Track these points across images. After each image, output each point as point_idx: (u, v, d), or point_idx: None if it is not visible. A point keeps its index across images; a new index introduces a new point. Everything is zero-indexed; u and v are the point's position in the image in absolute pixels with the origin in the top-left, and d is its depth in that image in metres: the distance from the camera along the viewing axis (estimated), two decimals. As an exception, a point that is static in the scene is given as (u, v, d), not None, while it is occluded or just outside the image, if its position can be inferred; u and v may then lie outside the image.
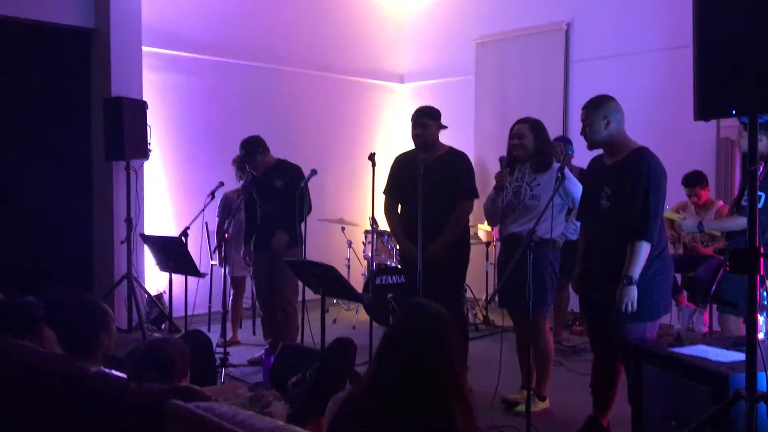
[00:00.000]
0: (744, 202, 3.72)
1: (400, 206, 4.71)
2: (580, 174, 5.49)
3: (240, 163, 5.67)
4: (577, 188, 4.09)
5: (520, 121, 4.32)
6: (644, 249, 3.35)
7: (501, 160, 4.48)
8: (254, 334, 6.38)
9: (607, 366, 3.72)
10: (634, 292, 3.35)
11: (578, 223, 4.21)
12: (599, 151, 3.70)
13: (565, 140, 5.82)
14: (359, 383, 1.99)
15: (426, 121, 4.53)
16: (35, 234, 5.73)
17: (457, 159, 4.59)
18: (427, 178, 4.27)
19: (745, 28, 2.44)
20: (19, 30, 5.74)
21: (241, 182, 5.66)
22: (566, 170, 4.04)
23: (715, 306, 5.29)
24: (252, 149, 5.23)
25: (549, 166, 4.21)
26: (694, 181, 5.60)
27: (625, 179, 3.42)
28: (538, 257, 3.77)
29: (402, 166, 4.66)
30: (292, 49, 7.55)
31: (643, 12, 6.49)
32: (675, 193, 5.59)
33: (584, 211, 3.79)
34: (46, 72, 5.92)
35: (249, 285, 6.18)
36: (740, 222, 3.73)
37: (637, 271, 3.35)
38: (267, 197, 5.24)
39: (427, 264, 4.26)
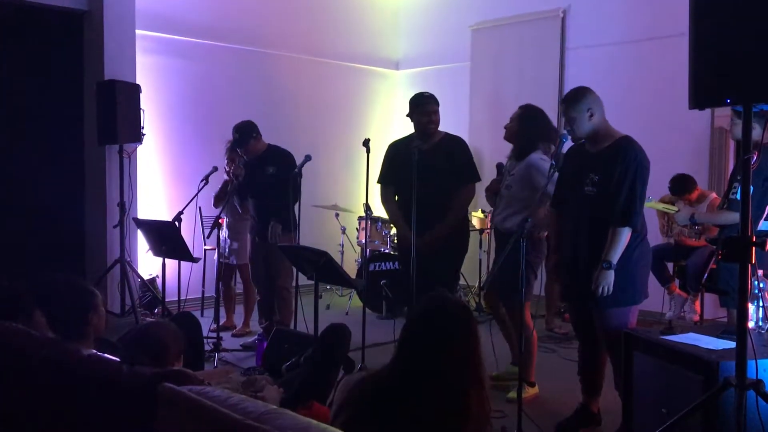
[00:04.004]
0: (732, 196, 3.75)
1: (397, 194, 4.70)
2: None
3: (231, 151, 5.66)
4: (545, 178, 3.98)
5: (520, 107, 4.42)
6: (626, 235, 3.39)
7: (498, 166, 4.52)
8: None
9: (593, 352, 3.75)
10: (611, 276, 3.39)
11: None
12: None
13: (555, 130, 5.82)
14: (380, 367, 2.02)
15: (436, 108, 4.56)
16: (27, 218, 5.70)
17: (455, 143, 4.61)
18: (427, 164, 4.29)
19: (740, 17, 2.43)
20: (10, 12, 5.68)
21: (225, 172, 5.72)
22: (538, 163, 4.12)
23: (707, 294, 5.33)
24: (246, 133, 5.22)
25: (525, 155, 4.24)
26: (680, 189, 5.58)
27: (614, 166, 3.42)
28: (514, 248, 3.84)
29: (398, 153, 4.65)
30: (287, 34, 7.51)
31: (639, 0, 6.48)
32: (664, 184, 5.60)
33: (562, 199, 3.79)
34: (38, 55, 5.86)
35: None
36: (731, 216, 3.75)
37: (616, 256, 3.39)
38: (259, 184, 5.24)
39: (425, 251, 4.27)
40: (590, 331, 3.68)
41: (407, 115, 4.65)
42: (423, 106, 4.54)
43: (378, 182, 4.80)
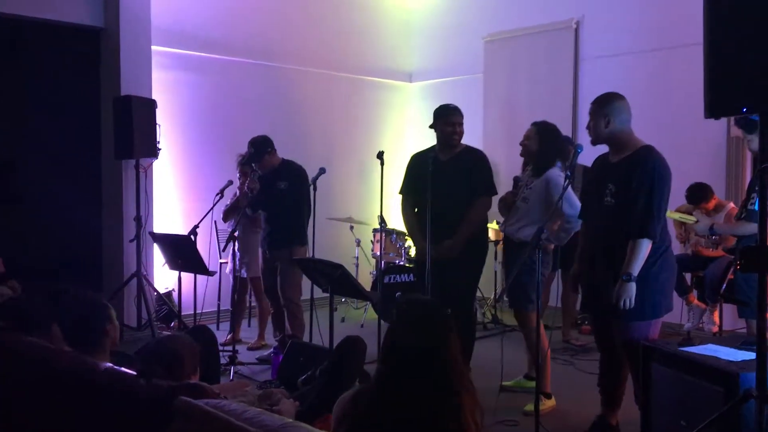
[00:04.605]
0: (750, 206, 3.72)
1: (416, 205, 4.71)
2: (584, 172, 5.49)
3: (243, 165, 5.70)
4: (563, 197, 4.01)
5: (533, 124, 4.43)
6: (645, 246, 3.35)
7: (515, 179, 4.54)
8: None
9: (613, 364, 3.72)
10: (632, 289, 3.34)
11: (561, 233, 4.27)
12: (605, 148, 3.71)
13: (569, 140, 5.81)
14: (368, 382, 2.03)
15: (461, 120, 4.59)
16: (45, 233, 5.75)
17: (476, 156, 4.63)
18: (446, 175, 4.31)
19: (755, 25, 2.42)
20: (28, 29, 5.77)
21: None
22: (556, 179, 4.16)
23: (725, 305, 5.27)
24: (261, 148, 5.26)
25: (544, 171, 4.28)
26: (697, 198, 5.55)
27: (630, 176, 3.41)
28: (519, 257, 3.85)
29: (419, 164, 4.66)
30: (300, 47, 7.56)
31: (653, 9, 6.46)
32: (681, 194, 5.56)
33: (586, 209, 3.79)
34: (55, 71, 5.94)
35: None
36: (749, 227, 3.72)
37: (636, 268, 3.35)
38: (271, 198, 5.27)
39: (442, 262, 4.27)
40: (611, 343, 3.65)
41: (430, 126, 4.66)
42: (448, 117, 4.57)
43: (399, 193, 4.81)
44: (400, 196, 4.81)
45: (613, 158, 3.58)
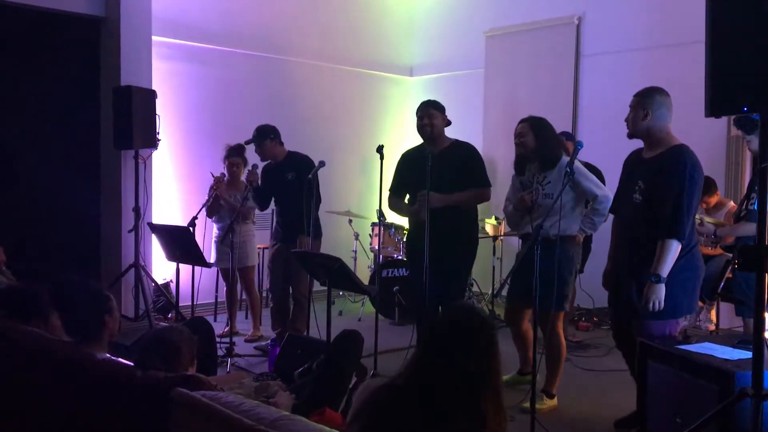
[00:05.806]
0: (750, 206, 3.71)
1: (410, 201, 4.70)
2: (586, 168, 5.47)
3: (231, 157, 5.70)
4: (588, 180, 4.09)
5: (521, 121, 4.34)
6: (674, 248, 3.32)
7: (521, 183, 4.49)
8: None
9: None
10: (662, 290, 3.32)
11: (594, 217, 4.19)
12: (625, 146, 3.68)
13: (566, 135, 5.78)
14: (398, 374, 1.99)
15: (432, 111, 4.52)
16: (44, 222, 5.75)
17: (464, 150, 4.58)
18: (434, 170, 4.27)
19: (757, 23, 2.42)
20: (29, 18, 5.75)
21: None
22: (576, 164, 4.02)
23: (723, 303, 5.28)
24: (262, 134, 5.29)
25: (556, 161, 4.20)
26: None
27: (660, 175, 3.38)
28: (560, 254, 3.78)
29: (409, 161, 4.65)
30: (301, 40, 7.54)
31: (655, 7, 6.45)
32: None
33: (617, 203, 3.79)
34: (55, 60, 5.93)
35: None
36: (750, 227, 3.71)
37: (665, 269, 3.32)
38: (281, 190, 5.27)
39: (435, 257, 4.25)
40: (628, 340, 3.61)
41: None
42: (420, 111, 4.56)
43: (389, 191, 4.80)
44: (388, 193, 4.79)
45: (647, 154, 3.54)
